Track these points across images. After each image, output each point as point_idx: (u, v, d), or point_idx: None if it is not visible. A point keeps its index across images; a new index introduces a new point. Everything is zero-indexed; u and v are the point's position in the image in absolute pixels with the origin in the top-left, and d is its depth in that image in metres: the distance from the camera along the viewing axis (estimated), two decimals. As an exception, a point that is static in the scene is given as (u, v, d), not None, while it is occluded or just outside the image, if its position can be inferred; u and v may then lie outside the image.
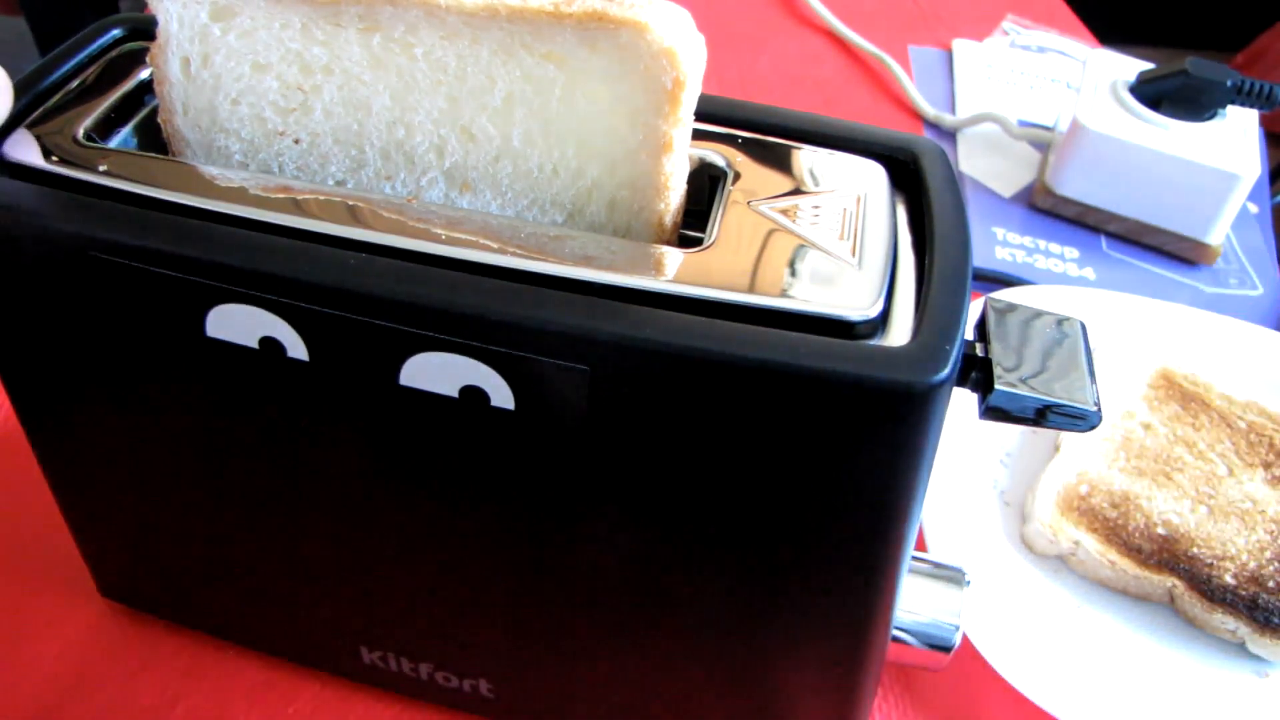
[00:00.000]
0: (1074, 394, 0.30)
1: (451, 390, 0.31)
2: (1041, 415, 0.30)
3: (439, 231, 0.31)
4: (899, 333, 0.30)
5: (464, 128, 0.34)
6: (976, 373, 0.31)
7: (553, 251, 0.31)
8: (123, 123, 0.36)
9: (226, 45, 0.34)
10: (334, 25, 0.34)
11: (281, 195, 0.32)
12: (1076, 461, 0.56)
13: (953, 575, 0.41)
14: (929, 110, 0.93)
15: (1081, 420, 0.30)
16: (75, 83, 0.37)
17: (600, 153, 0.34)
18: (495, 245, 0.31)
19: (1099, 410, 0.30)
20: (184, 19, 0.34)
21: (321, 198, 0.32)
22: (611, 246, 0.31)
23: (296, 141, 0.35)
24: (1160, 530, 0.53)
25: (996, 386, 0.30)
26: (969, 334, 0.32)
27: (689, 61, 0.32)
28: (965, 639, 0.46)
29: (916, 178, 0.36)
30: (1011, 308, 0.33)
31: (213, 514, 0.41)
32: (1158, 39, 2.06)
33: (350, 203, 0.32)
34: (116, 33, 0.39)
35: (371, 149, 0.35)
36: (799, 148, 0.36)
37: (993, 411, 0.31)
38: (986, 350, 0.31)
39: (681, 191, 0.34)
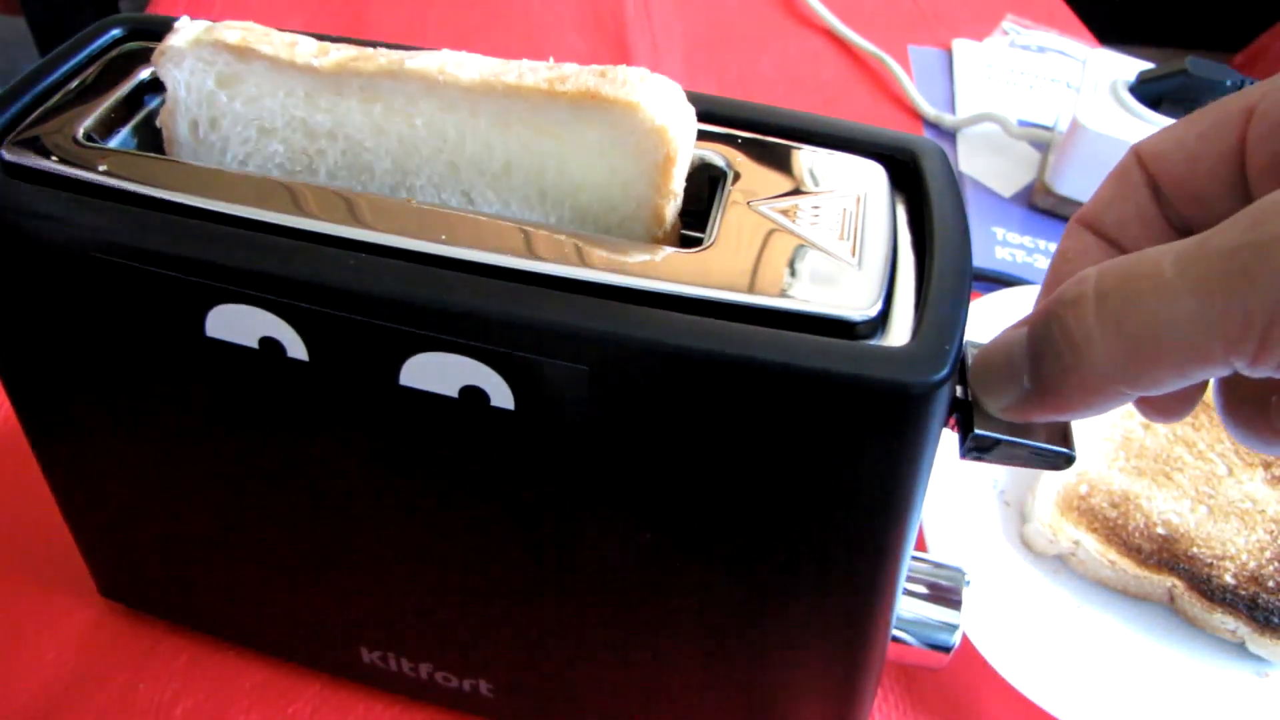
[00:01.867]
0: (1053, 437, 0.31)
1: (451, 390, 0.31)
2: (1021, 457, 0.31)
3: (439, 231, 0.31)
4: (899, 333, 0.30)
5: (464, 192, 0.35)
6: (958, 414, 0.31)
7: (552, 251, 0.31)
8: (123, 123, 0.37)
9: (233, 111, 0.35)
10: (336, 95, 0.34)
11: (282, 195, 0.32)
12: (1076, 461, 0.56)
13: (953, 575, 0.41)
14: (929, 110, 0.93)
15: (1060, 461, 0.31)
16: (75, 83, 0.37)
17: (595, 219, 0.35)
18: (495, 245, 0.31)
19: (1074, 452, 0.31)
20: (191, 85, 0.35)
21: (321, 196, 0.32)
22: (611, 247, 0.31)
23: None
24: (1160, 530, 0.53)
25: (975, 429, 0.30)
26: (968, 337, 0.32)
27: (679, 138, 0.33)
28: (965, 639, 0.46)
29: (916, 178, 0.36)
30: None
31: (212, 514, 0.41)
32: (1158, 39, 2.06)
33: (350, 202, 0.32)
34: (116, 33, 0.39)
35: None
36: (799, 148, 0.36)
37: (973, 453, 0.31)
38: (967, 393, 0.31)
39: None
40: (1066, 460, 0.31)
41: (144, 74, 0.38)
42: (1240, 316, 0.23)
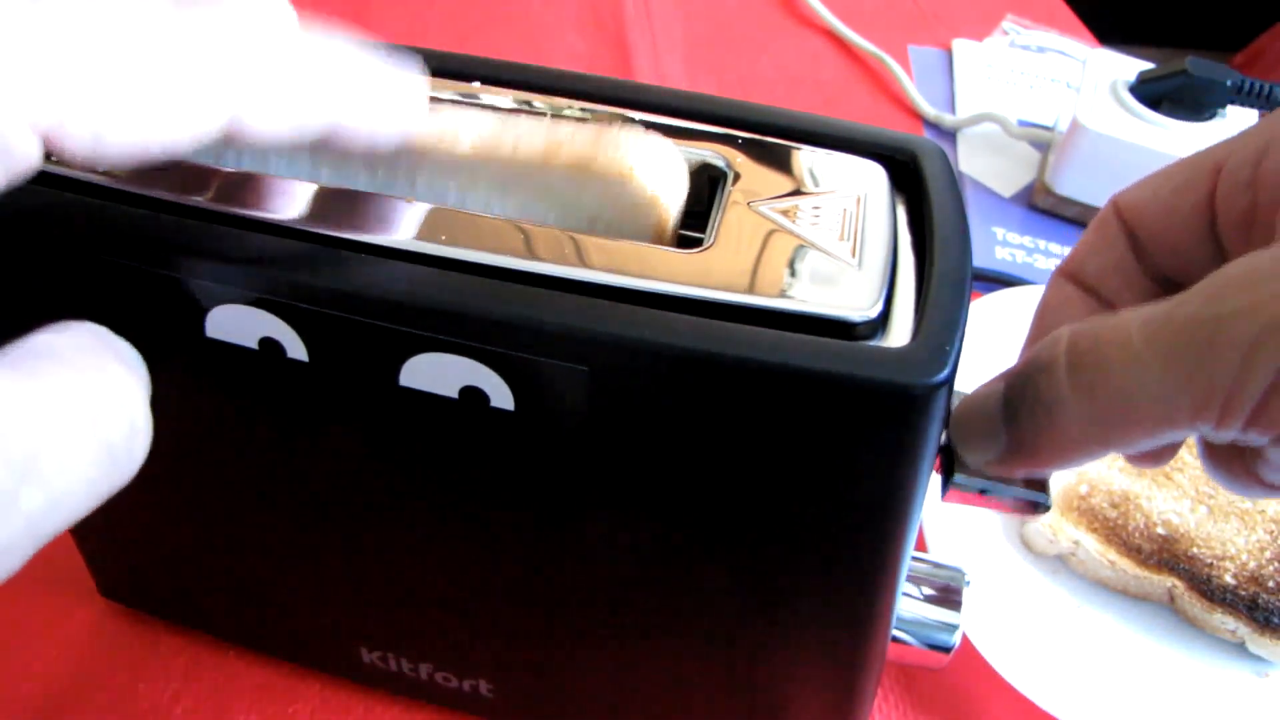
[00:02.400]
0: (1030, 485, 0.32)
1: (451, 391, 0.31)
2: (1000, 502, 0.32)
3: (439, 231, 0.31)
4: (899, 333, 0.30)
5: None
6: (942, 456, 0.32)
7: (552, 251, 0.31)
8: (122, 123, 0.36)
9: (240, 167, 0.35)
10: (340, 156, 0.34)
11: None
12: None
13: (953, 575, 0.41)
14: (929, 110, 0.93)
15: (1038, 509, 0.32)
16: (75, 83, 0.37)
17: None
18: (495, 245, 0.31)
19: (1049, 500, 0.32)
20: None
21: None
22: (611, 247, 0.31)
23: None
24: (1160, 530, 0.53)
25: (955, 476, 0.31)
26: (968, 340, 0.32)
27: (671, 205, 0.33)
28: (965, 639, 0.46)
29: (916, 178, 0.36)
30: None
31: (212, 514, 0.41)
32: (1158, 39, 2.06)
33: (350, 202, 0.32)
34: (116, 33, 0.39)
35: None
36: (799, 148, 0.36)
37: (954, 496, 0.32)
38: (949, 439, 0.32)
39: None
40: (1043, 508, 0.32)
41: (144, 74, 0.38)
42: (1204, 386, 0.24)
